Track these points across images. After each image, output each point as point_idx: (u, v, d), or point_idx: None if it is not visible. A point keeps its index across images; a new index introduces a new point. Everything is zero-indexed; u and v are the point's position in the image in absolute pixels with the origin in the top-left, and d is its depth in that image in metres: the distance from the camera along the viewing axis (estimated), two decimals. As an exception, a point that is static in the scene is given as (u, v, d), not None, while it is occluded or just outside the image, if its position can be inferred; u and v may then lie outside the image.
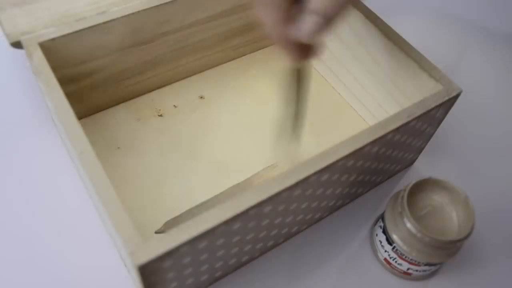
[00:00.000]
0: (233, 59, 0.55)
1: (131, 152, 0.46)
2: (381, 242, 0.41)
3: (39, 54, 0.38)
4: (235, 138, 0.48)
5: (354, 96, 0.51)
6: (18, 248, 0.40)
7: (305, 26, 0.30)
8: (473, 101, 0.56)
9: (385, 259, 0.41)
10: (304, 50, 0.33)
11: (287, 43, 0.32)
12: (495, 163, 0.51)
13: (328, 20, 0.30)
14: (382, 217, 0.41)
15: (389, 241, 0.40)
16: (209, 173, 0.45)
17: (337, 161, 0.35)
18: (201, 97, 0.51)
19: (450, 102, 0.40)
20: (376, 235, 0.42)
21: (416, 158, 0.49)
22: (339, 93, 0.53)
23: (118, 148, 0.46)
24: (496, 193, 0.48)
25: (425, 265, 0.39)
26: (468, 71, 0.60)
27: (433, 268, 0.40)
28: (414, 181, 0.39)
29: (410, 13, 0.66)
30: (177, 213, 0.42)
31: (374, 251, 0.43)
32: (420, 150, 0.48)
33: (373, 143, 0.36)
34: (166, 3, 0.43)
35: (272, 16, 0.31)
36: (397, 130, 0.37)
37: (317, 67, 0.55)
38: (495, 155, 0.52)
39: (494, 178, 0.50)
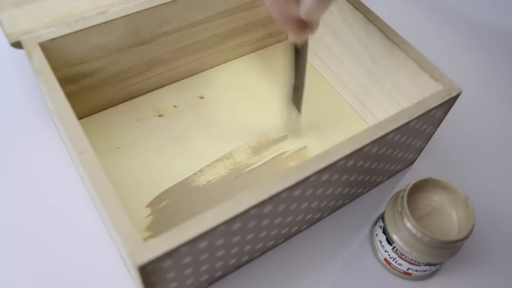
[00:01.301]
0: (233, 59, 0.55)
1: (131, 152, 0.46)
2: (381, 242, 0.41)
3: (39, 54, 0.38)
4: (235, 138, 0.48)
5: (354, 96, 0.51)
6: (18, 248, 0.40)
7: (306, 3, 0.33)
8: (473, 101, 0.56)
9: (385, 259, 0.41)
10: (304, 26, 0.35)
11: (288, 19, 0.34)
12: (495, 163, 0.51)
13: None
14: (382, 217, 0.41)
15: (389, 241, 0.40)
16: (209, 173, 0.45)
17: (337, 161, 0.35)
18: (201, 97, 0.51)
19: (450, 102, 0.40)
20: (376, 235, 0.42)
21: (416, 158, 0.49)
22: (339, 93, 0.53)
23: (118, 148, 0.46)
24: (496, 193, 0.48)
25: (425, 265, 0.39)
26: (468, 71, 0.60)
27: (433, 268, 0.40)
28: (414, 181, 0.39)
29: (410, 13, 0.66)
30: (177, 213, 0.42)
31: (374, 251, 0.43)
32: (420, 150, 0.48)
33: (373, 143, 0.36)
34: (166, 3, 0.43)
35: None
36: (397, 130, 0.37)
37: (317, 67, 0.55)
38: (495, 155, 0.52)
39: (494, 178, 0.50)
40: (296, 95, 0.45)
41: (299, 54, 0.40)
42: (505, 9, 0.69)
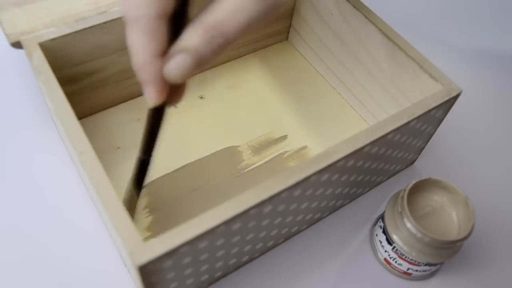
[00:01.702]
0: (233, 59, 0.55)
1: (131, 152, 0.46)
2: (381, 242, 0.41)
3: (39, 54, 0.38)
4: (235, 138, 0.48)
5: (354, 96, 0.51)
6: (17, 248, 0.40)
7: (175, 65, 0.27)
8: (473, 101, 0.56)
9: (385, 259, 0.41)
10: (166, 89, 0.29)
11: (152, 78, 0.28)
12: (495, 163, 0.51)
13: (201, 60, 0.27)
14: (382, 217, 0.41)
15: (389, 241, 0.40)
16: (209, 173, 0.45)
17: (337, 161, 0.35)
18: (201, 97, 0.51)
19: (450, 102, 0.40)
20: (376, 235, 0.42)
21: (416, 158, 0.49)
22: (339, 93, 0.53)
23: (118, 148, 0.46)
24: (496, 193, 0.48)
25: (425, 265, 0.39)
26: (468, 71, 0.60)
27: (433, 268, 0.40)
28: (414, 181, 0.39)
29: (410, 13, 0.66)
30: (176, 213, 0.42)
31: (374, 251, 0.43)
32: (420, 150, 0.48)
33: (373, 143, 0.36)
34: (166, 3, 0.43)
35: (142, 44, 0.27)
36: (397, 130, 0.37)
37: (317, 67, 0.55)
38: (495, 155, 0.52)
39: (494, 178, 0.50)
40: (142, 172, 0.36)
41: (155, 119, 0.32)
42: (505, 9, 0.69)
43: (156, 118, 0.32)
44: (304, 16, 0.53)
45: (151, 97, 0.29)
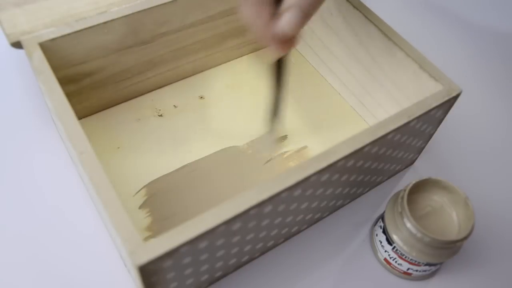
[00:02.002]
0: (233, 59, 0.55)
1: (131, 152, 0.46)
2: (381, 242, 0.41)
3: (39, 54, 0.38)
4: (235, 138, 0.48)
5: (354, 96, 0.51)
6: (17, 248, 0.40)
7: (286, 20, 0.32)
8: (473, 101, 0.56)
9: (385, 259, 0.41)
10: (286, 42, 0.34)
11: (270, 37, 0.33)
12: (495, 163, 0.51)
13: (306, 13, 0.32)
14: (382, 217, 0.41)
15: (389, 241, 0.40)
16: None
17: (337, 161, 0.35)
18: (201, 97, 0.51)
19: (450, 102, 0.40)
20: (376, 235, 0.42)
21: (416, 158, 0.49)
22: (339, 93, 0.53)
23: (118, 148, 0.46)
24: (496, 193, 0.48)
25: (425, 265, 0.39)
26: (468, 71, 0.60)
27: (433, 268, 0.40)
28: (414, 181, 0.39)
29: (410, 13, 0.66)
30: (176, 213, 0.42)
31: (374, 251, 0.43)
32: (420, 150, 0.48)
33: (373, 143, 0.36)
34: (166, 3, 0.43)
35: (256, 12, 0.32)
36: (397, 130, 0.37)
37: (317, 67, 0.55)
38: (495, 155, 0.52)
39: (494, 178, 0.50)
40: (277, 106, 0.44)
41: (281, 67, 0.40)
42: (505, 10, 0.69)
43: (280, 66, 0.40)
44: (304, 16, 0.53)
45: (275, 52, 0.35)
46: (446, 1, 0.69)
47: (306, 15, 0.32)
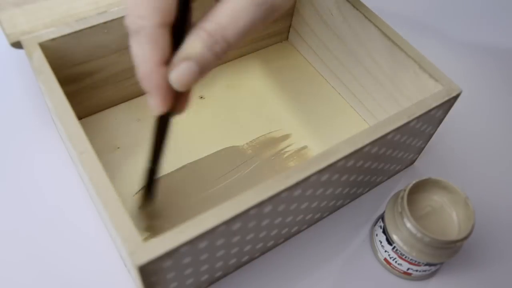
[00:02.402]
0: (233, 59, 0.55)
1: (131, 152, 0.46)
2: (381, 242, 0.41)
3: (39, 54, 0.38)
4: (235, 138, 0.48)
5: (354, 96, 0.51)
6: (17, 248, 0.40)
7: (179, 72, 0.27)
8: (473, 101, 0.56)
9: (385, 259, 0.41)
10: (170, 97, 0.29)
11: (155, 86, 0.28)
12: (495, 163, 0.51)
13: (202, 69, 0.28)
14: (382, 217, 0.41)
15: (389, 241, 0.40)
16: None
17: (337, 161, 0.35)
18: (201, 97, 0.51)
19: (450, 102, 0.40)
20: (376, 235, 0.42)
21: (416, 158, 0.49)
22: (339, 93, 0.53)
23: (118, 148, 0.46)
24: (496, 193, 0.48)
25: (425, 265, 0.39)
26: (468, 71, 0.60)
27: (433, 268, 0.40)
28: (414, 181, 0.39)
29: (410, 13, 0.66)
30: (176, 214, 0.42)
31: (374, 251, 0.43)
32: (420, 150, 0.48)
33: (373, 143, 0.36)
34: (166, 3, 0.43)
35: (147, 54, 0.27)
36: (397, 130, 0.37)
37: (317, 67, 0.55)
38: (495, 155, 0.52)
39: (494, 178, 0.50)
40: (151, 180, 0.37)
41: (160, 128, 0.33)
42: (505, 9, 0.69)
43: (161, 126, 0.32)
44: (304, 16, 0.53)
45: (156, 106, 0.29)
46: (446, 1, 0.69)
47: (202, 70, 0.28)
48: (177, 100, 0.30)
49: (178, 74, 0.27)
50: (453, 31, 0.65)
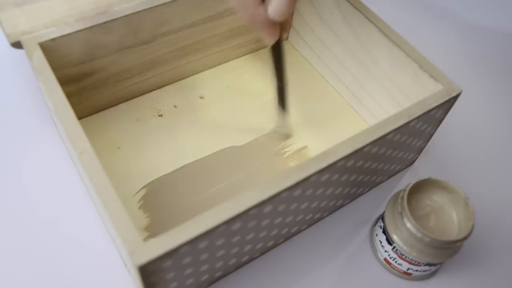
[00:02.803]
0: (233, 59, 0.55)
1: (131, 152, 0.46)
2: (381, 242, 0.41)
3: (39, 54, 0.38)
4: (235, 138, 0.48)
5: (354, 96, 0.51)
6: (17, 248, 0.40)
7: (274, 6, 0.33)
8: (473, 101, 0.56)
9: (385, 259, 0.41)
10: (275, 28, 0.35)
11: (260, 23, 0.34)
12: (495, 163, 0.51)
13: None
14: (382, 217, 0.41)
15: (389, 241, 0.40)
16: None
17: (337, 161, 0.35)
18: (201, 97, 0.51)
19: (450, 102, 0.40)
20: (376, 235, 0.42)
21: (416, 158, 0.49)
22: (339, 93, 0.53)
23: (118, 148, 0.46)
24: (496, 193, 0.48)
25: (425, 265, 0.39)
26: (468, 71, 0.60)
27: (433, 268, 0.40)
28: (414, 181, 0.39)
29: (410, 13, 0.66)
30: (176, 214, 0.42)
31: (374, 251, 0.43)
32: (420, 150, 0.48)
33: (373, 143, 0.36)
34: (166, 3, 0.43)
35: (251, 1, 0.33)
36: (397, 130, 0.37)
37: (317, 67, 0.55)
38: (495, 155, 0.52)
39: (494, 178, 0.50)
40: (281, 96, 0.45)
41: (276, 54, 0.41)
42: (505, 10, 0.69)
43: (277, 52, 0.41)
44: (304, 16, 0.53)
45: (267, 38, 0.36)
46: (446, 1, 0.69)
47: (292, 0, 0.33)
48: (282, 28, 0.36)
49: (274, 7, 0.33)
50: (453, 31, 0.65)
